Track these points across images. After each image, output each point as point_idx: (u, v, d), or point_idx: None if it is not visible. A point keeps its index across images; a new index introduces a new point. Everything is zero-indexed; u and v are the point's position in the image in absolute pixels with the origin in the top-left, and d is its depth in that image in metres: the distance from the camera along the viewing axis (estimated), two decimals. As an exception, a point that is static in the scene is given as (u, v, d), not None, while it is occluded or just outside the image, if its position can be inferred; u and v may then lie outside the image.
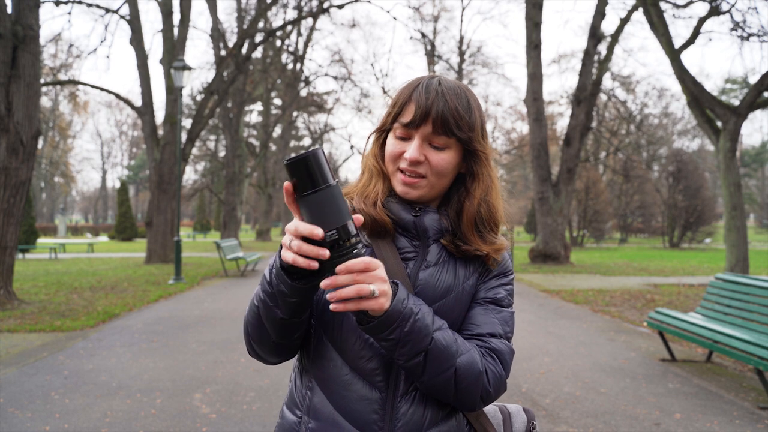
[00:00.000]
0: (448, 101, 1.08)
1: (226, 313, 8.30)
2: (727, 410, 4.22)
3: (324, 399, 1.08)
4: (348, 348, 1.07)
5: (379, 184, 1.15)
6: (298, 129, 43.64)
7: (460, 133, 1.09)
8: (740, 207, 10.69)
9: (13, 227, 8.43)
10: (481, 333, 1.11)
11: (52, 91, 42.13)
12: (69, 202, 75.36)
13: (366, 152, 1.22)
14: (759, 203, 56.05)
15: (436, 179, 1.11)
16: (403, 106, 1.11)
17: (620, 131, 29.67)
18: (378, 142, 1.19)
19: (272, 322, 1.03)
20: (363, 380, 1.07)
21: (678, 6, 12.63)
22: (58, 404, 4.25)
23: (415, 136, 1.10)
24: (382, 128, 1.17)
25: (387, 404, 1.06)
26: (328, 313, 1.08)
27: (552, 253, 16.74)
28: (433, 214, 1.14)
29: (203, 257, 20.54)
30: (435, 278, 1.11)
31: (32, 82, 8.56)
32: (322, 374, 1.09)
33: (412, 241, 1.14)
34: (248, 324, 1.08)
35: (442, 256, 1.13)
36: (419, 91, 1.10)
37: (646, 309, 8.79)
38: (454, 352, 1.03)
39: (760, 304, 5.02)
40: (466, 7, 33.28)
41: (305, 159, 0.88)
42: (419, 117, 1.08)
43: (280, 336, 1.05)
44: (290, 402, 1.15)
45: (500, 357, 1.10)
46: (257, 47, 19.83)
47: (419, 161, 1.09)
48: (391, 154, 1.13)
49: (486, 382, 1.06)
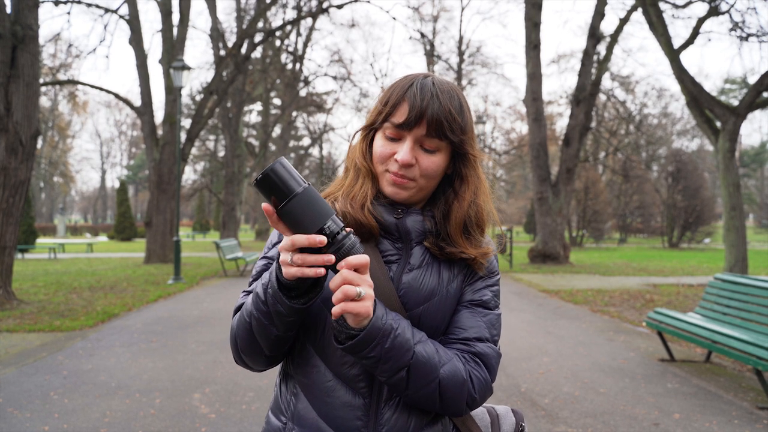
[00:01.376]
0: (443, 103, 1.05)
1: (225, 314, 8.29)
2: (726, 410, 4.22)
3: (308, 405, 1.07)
4: (330, 354, 1.05)
5: (367, 184, 1.11)
6: (297, 129, 43.61)
7: (453, 137, 1.06)
8: (739, 207, 10.70)
9: (13, 227, 8.42)
10: (467, 337, 1.08)
11: (52, 90, 42.23)
12: (68, 202, 75.29)
13: (351, 148, 1.17)
14: (758, 203, 56.08)
15: (425, 182, 1.09)
16: (395, 105, 1.07)
17: (619, 131, 29.71)
18: (366, 140, 1.14)
19: (266, 338, 1.01)
20: (346, 386, 1.05)
21: (677, 6, 12.64)
22: (57, 404, 4.25)
23: (407, 138, 1.06)
24: (371, 126, 1.12)
25: (371, 411, 1.05)
26: (310, 319, 1.06)
27: (551, 253, 16.74)
28: (416, 216, 1.11)
29: (202, 257, 20.54)
30: (419, 281, 1.08)
31: (31, 82, 8.56)
32: (306, 380, 1.08)
33: (394, 243, 1.11)
34: (237, 337, 1.07)
35: (426, 258, 1.10)
36: (413, 91, 1.06)
37: (645, 309, 8.80)
38: (436, 364, 1.01)
39: (759, 304, 5.02)
40: (465, 7, 33.31)
41: (268, 175, 0.89)
42: (414, 118, 1.04)
43: (273, 350, 1.04)
44: (275, 408, 1.14)
45: (486, 361, 1.08)
46: (256, 47, 19.82)
47: (411, 164, 1.06)
48: (381, 155, 1.09)
49: (471, 389, 1.05)
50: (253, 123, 41.42)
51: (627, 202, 33.28)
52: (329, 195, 1.15)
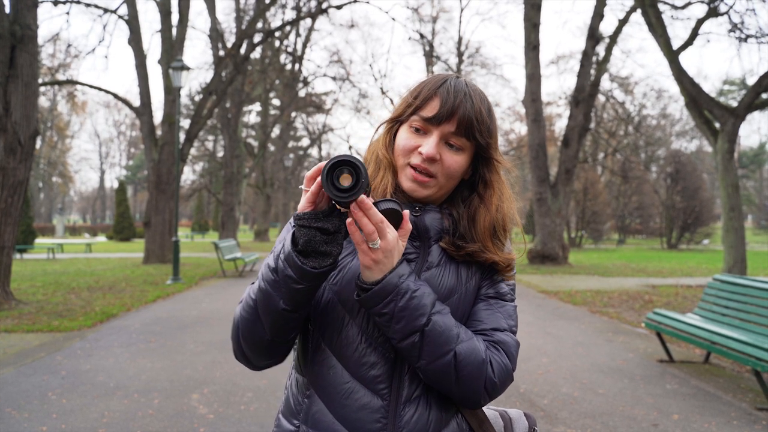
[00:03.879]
0: (475, 104, 1.06)
1: (224, 314, 8.28)
2: (725, 411, 4.23)
3: (323, 408, 1.05)
4: (349, 355, 1.04)
5: (388, 176, 1.11)
6: (296, 129, 43.61)
7: (480, 138, 1.07)
8: (738, 208, 10.70)
9: (11, 227, 8.41)
10: (484, 328, 1.08)
11: (51, 90, 42.15)
12: (67, 202, 75.22)
13: (374, 140, 1.17)
14: (757, 204, 56.13)
15: (445, 180, 1.09)
16: (426, 99, 1.07)
17: (618, 132, 29.75)
18: (390, 133, 1.14)
19: (272, 314, 0.99)
20: (365, 388, 1.03)
21: (676, 7, 12.66)
22: (56, 404, 4.24)
23: (435, 133, 1.07)
24: (397, 118, 1.13)
25: (390, 412, 1.03)
26: (327, 318, 1.05)
27: (550, 253, 16.74)
28: (435, 213, 1.11)
29: (201, 257, 20.52)
30: (437, 280, 1.07)
31: (30, 82, 8.55)
32: (321, 382, 1.06)
33: (412, 241, 1.09)
34: (240, 321, 1.05)
35: (443, 257, 1.10)
36: (447, 87, 1.07)
37: (644, 310, 8.80)
38: (453, 337, 1.00)
39: (757, 305, 5.02)
40: (464, 7, 33.35)
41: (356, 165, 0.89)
42: (445, 114, 1.05)
43: (276, 332, 1.01)
44: (286, 410, 1.12)
45: (505, 348, 1.07)
46: (256, 47, 19.84)
47: (435, 158, 1.06)
48: (405, 147, 1.09)
49: (491, 372, 1.03)
50: (252, 123, 41.41)
51: (626, 203, 33.31)
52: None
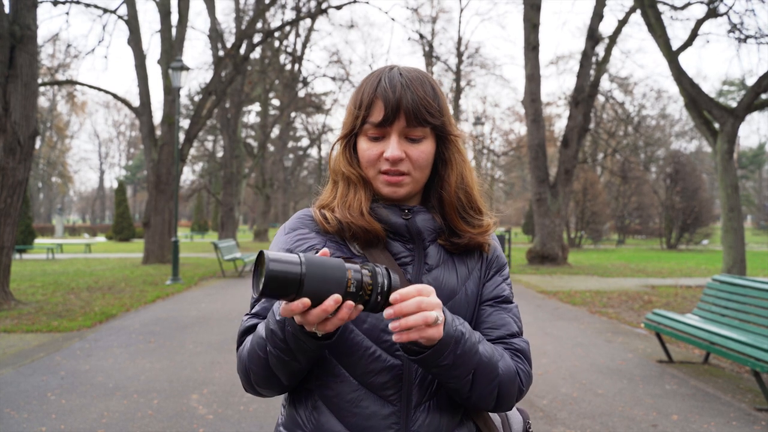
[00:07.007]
0: (415, 90, 1.03)
1: (223, 314, 8.28)
2: (724, 412, 4.23)
3: (332, 418, 1.02)
4: (355, 363, 1.02)
5: (360, 191, 1.08)
6: (296, 130, 43.65)
7: (434, 120, 1.05)
8: (737, 208, 10.71)
9: (10, 227, 8.41)
10: (501, 336, 1.09)
11: (50, 91, 42.21)
12: (66, 203, 75.20)
13: (334, 159, 1.14)
14: (756, 205, 56.17)
15: (419, 173, 1.07)
16: (369, 105, 1.05)
17: (618, 133, 29.79)
18: (347, 149, 1.11)
19: (288, 372, 0.99)
20: (374, 395, 1.01)
21: (676, 8, 12.67)
22: (55, 405, 4.24)
23: (392, 134, 1.04)
24: (349, 133, 1.10)
25: (401, 418, 1.01)
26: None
27: (549, 254, 16.75)
28: (425, 214, 1.09)
29: (201, 258, 20.50)
30: (440, 281, 1.06)
31: (30, 82, 8.54)
32: (329, 392, 1.03)
33: (405, 244, 1.08)
34: (250, 371, 1.02)
35: (442, 256, 1.09)
36: (383, 86, 1.04)
37: (643, 310, 8.80)
38: (496, 363, 1.01)
39: (757, 305, 5.02)
40: (464, 8, 33.39)
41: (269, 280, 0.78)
42: (391, 113, 1.02)
43: (293, 380, 1.02)
44: (290, 423, 1.08)
45: (525, 356, 1.09)
46: (255, 48, 19.84)
47: (401, 158, 1.04)
48: (369, 158, 1.06)
49: (520, 384, 1.06)
50: (251, 123, 41.43)
51: (625, 203, 33.33)
52: (324, 206, 1.12)
